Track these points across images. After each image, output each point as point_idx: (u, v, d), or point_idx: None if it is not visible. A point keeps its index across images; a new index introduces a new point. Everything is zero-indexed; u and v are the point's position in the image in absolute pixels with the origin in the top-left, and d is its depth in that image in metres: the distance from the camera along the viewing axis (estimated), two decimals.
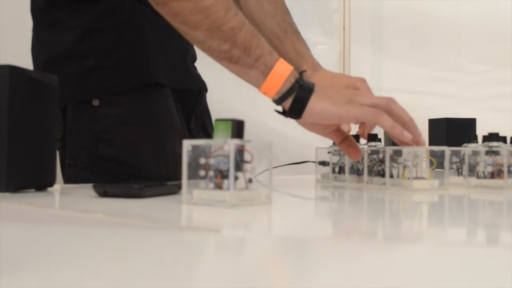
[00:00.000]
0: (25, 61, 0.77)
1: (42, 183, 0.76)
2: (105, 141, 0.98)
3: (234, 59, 0.77)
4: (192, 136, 1.13)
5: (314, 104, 0.76)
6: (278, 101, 0.77)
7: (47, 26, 1.03)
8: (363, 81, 0.92)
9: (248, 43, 0.76)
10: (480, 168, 0.87)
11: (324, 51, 1.20)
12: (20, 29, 1.62)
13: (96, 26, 1.00)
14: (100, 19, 1.00)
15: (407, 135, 0.77)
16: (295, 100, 0.76)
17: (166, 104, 1.04)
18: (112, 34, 1.00)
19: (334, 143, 0.95)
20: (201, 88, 1.17)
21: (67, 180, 1.01)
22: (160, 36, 1.03)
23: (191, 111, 1.14)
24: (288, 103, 0.76)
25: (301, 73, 0.78)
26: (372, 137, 0.91)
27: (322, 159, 0.99)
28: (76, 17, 1.00)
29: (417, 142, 0.79)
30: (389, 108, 0.78)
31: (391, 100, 0.79)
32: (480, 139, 0.93)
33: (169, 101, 1.05)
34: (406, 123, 0.79)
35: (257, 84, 0.78)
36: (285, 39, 1.01)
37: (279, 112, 0.80)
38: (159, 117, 1.03)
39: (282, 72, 0.76)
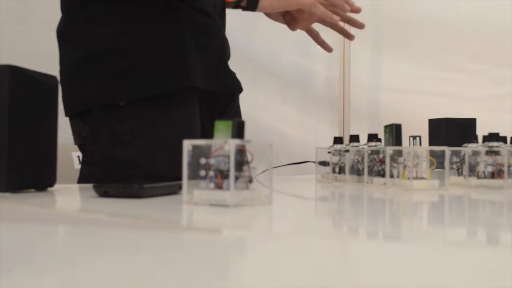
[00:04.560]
0: (25, 61, 0.77)
1: (42, 183, 0.76)
2: (123, 142, 0.96)
3: None
4: None
5: None
6: (236, 3, 0.96)
7: (80, 21, 0.99)
8: None
9: None
10: (480, 168, 0.87)
11: (324, 51, 1.20)
12: (20, 29, 1.63)
13: (133, 24, 0.98)
14: (138, 18, 0.98)
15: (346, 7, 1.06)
16: None
17: (191, 107, 1.02)
18: (150, 33, 0.98)
19: (333, 143, 0.95)
20: (235, 89, 1.13)
21: (80, 178, 0.99)
22: (197, 35, 1.01)
23: (223, 112, 1.10)
24: (244, 2, 0.97)
25: None
26: (372, 137, 0.91)
27: (322, 159, 0.99)
28: (114, 14, 0.98)
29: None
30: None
31: None
32: (480, 139, 0.93)
33: (194, 104, 1.03)
34: (337, 6, 1.05)
35: None
36: None
37: (236, 7, 0.97)
38: (182, 121, 1.00)
39: None
